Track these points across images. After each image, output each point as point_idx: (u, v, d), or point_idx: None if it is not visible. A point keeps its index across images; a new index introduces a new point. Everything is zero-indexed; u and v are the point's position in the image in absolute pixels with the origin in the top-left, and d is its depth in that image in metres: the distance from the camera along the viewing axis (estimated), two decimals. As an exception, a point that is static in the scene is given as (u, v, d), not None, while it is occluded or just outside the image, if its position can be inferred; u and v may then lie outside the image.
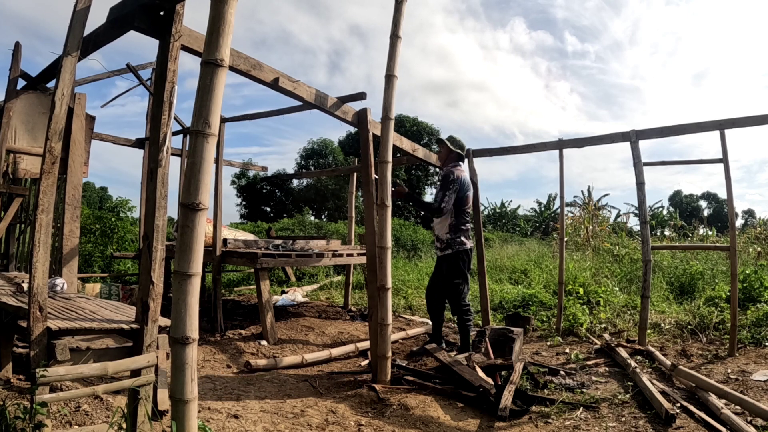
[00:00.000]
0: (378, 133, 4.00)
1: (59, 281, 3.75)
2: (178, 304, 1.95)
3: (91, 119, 5.30)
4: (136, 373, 2.24)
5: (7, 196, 4.70)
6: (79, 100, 4.16)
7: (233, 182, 25.52)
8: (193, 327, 1.95)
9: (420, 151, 5.46)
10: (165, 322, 2.61)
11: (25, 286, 3.50)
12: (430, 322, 6.16)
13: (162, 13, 2.55)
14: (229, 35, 2.02)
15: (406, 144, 5.14)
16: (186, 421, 1.94)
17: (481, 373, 3.52)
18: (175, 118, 6.12)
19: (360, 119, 4.29)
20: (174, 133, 7.31)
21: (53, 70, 3.77)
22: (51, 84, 4.63)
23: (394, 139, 4.35)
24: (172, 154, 7.49)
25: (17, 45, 4.23)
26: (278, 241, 6.41)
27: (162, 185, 2.48)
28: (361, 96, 5.33)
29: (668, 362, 3.86)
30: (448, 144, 4.62)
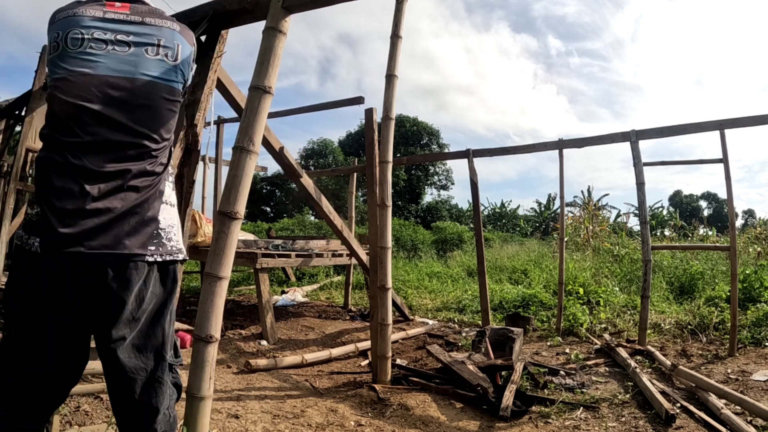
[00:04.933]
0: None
1: None
2: (205, 304, 2.05)
3: None
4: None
5: (21, 192, 4.74)
6: None
7: (233, 182, 25.48)
8: (217, 327, 2.04)
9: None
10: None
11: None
12: (430, 322, 6.18)
13: (205, 36, 2.73)
14: (277, 66, 2.23)
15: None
16: (200, 418, 2.00)
17: (479, 374, 3.52)
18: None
19: (366, 119, 4.30)
20: None
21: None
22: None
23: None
24: None
25: (45, 49, 4.29)
26: (278, 241, 6.41)
27: (189, 191, 2.59)
28: (359, 100, 5.36)
29: (668, 362, 3.86)
30: None
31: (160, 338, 1.48)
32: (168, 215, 1.50)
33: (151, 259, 1.41)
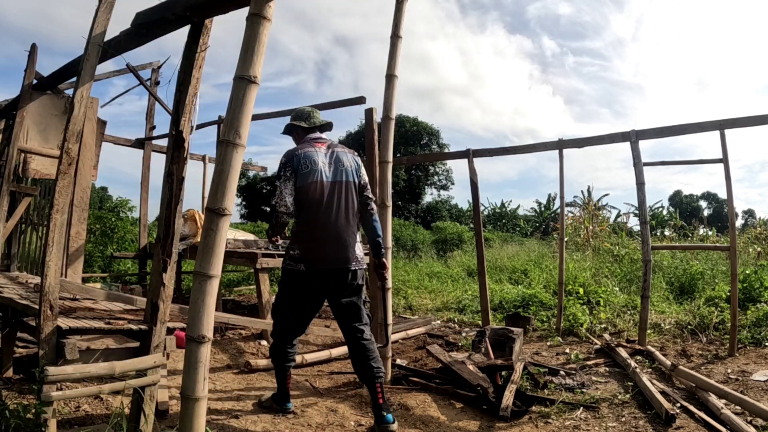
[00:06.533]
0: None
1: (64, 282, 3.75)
2: (196, 304, 2.02)
3: (102, 123, 5.31)
4: (140, 373, 2.25)
5: (14, 194, 4.72)
6: (91, 104, 4.17)
7: (233, 182, 25.48)
8: (209, 327, 2.02)
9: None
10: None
11: (31, 284, 3.50)
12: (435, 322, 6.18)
13: (189, 26, 2.62)
14: (262, 54, 2.15)
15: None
16: (195, 419, 1.98)
17: (479, 374, 3.52)
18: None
19: (366, 119, 4.30)
20: (162, 136, 7.32)
21: (65, 72, 3.77)
22: (62, 86, 4.64)
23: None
24: (159, 152, 7.47)
25: (33, 47, 4.23)
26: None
27: (178, 188, 2.53)
28: (360, 100, 5.35)
29: (668, 362, 3.86)
30: (292, 122, 3.20)
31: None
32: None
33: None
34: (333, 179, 2.89)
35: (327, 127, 3.22)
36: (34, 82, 4.23)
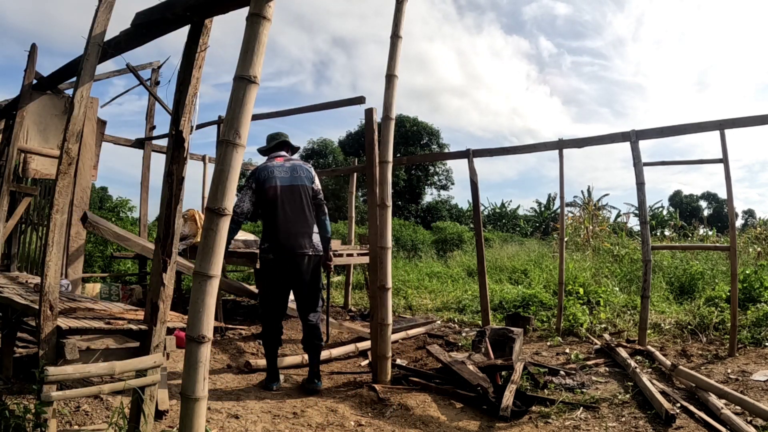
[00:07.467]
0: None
1: (64, 282, 3.76)
2: (196, 304, 2.02)
3: (102, 123, 5.31)
4: (140, 373, 2.25)
5: (14, 194, 4.71)
6: (91, 104, 4.16)
7: (233, 182, 25.49)
8: (209, 327, 2.02)
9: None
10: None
11: (31, 284, 3.50)
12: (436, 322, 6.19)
13: (189, 26, 2.62)
14: (262, 54, 2.15)
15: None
16: (195, 419, 1.99)
17: (479, 374, 3.52)
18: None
19: (366, 119, 4.29)
20: (162, 136, 7.32)
21: (65, 72, 3.77)
22: (62, 86, 4.63)
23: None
24: (159, 152, 7.47)
25: (33, 47, 4.23)
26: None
27: (178, 188, 2.53)
28: (360, 100, 5.35)
29: (668, 362, 3.86)
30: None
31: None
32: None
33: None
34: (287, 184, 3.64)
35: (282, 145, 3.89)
36: (34, 82, 4.23)
